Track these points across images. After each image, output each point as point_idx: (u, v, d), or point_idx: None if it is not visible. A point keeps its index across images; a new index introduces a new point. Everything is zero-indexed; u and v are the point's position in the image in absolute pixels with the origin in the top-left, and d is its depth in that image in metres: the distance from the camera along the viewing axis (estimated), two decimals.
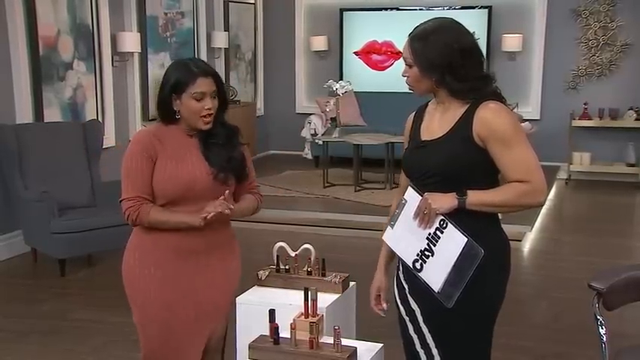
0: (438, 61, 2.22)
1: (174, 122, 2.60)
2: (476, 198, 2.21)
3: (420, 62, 2.26)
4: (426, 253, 2.25)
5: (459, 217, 2.20)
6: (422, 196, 2.25)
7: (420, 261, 2.26)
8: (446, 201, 2.21)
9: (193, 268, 2.62)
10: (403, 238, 2.32)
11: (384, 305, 2.51)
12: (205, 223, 2.49)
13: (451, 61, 2.21)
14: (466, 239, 2.17)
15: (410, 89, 2.37)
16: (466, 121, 2.24)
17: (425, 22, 2.31)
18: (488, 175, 2.27)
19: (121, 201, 2.57)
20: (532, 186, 2.20)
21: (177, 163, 2.55)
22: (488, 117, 2.21)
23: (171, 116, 2.58)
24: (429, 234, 2.24)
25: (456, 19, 2.31)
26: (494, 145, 2.20)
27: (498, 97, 2.28)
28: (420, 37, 2.27)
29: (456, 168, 2.24)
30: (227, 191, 2.55)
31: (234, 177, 2.64)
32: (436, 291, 2.22)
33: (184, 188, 2.54)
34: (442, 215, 2.21)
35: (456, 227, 2.19)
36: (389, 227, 2.37)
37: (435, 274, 2.23)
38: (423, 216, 2.22)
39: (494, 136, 2.20)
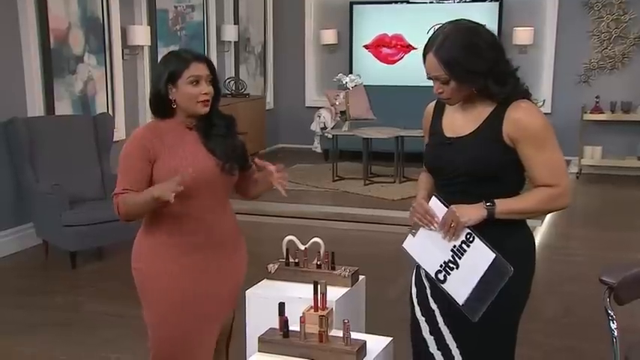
0: (475, 67, 2.13)
1: (169, 116, 2.55)
2: (505, 207, 2.17)
3: (457, 75, 2.15)
4: (450, 265, 2.21)
5: (486, 223, 2.17)
6: (447, 207, 2.20)
7: (444, 272, 2.22)
8: (474, 213, 2.17)
9: (203, 264, 2.59)
10: (425, 247, 2.27)
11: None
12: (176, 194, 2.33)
13: (491, 66, 2.13)
14: (494, 255, 2.14)
15: (445, 101, 2.27)
16: (496, 120, 2.19)
17: (438, 32, 2.18)
18: (516, 174, 2.24)
19: (112, 197, 2.54)
20: (560, 190, 2.19)
21: (181, 157, 2.51)
22: (521, 118, 2.16)
23: (167, 109, 2.53)
24: (454, 246, 2.20)
25: (466, 19, 2.22)
26: (526, 147, 2.17)
27: (527, 95, 2.23)
28: (442, 47, 2.14)
29: (485, 167, 2.19)
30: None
31: (238, 166, 2.62)
32: (460, 304, 2.20)
33: (191, 181, 2.48)
34: (469, 228, 2.17)
35: (483, 242, 2.15)
36: (410, 235, 2.32)
37: (460, 287, 2.20)
38: (449, 229, 2.18)
39: (526, 138, 2.16)
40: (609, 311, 2.58)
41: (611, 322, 2.57)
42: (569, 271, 5.19)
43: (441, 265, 2.23)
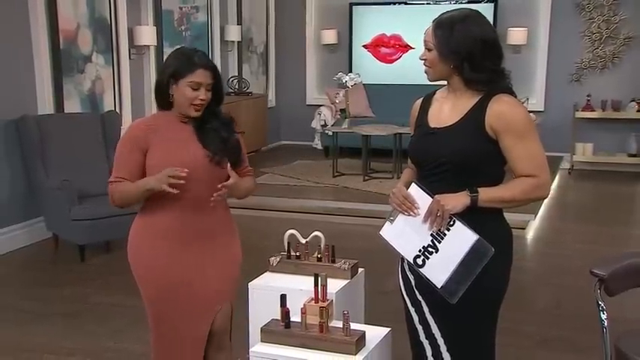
0: (458, 49, 2.23)
1: (168, 107, 2.64)
2: (488, 195, 2.22)
3: (440, 48, 2.25)
4: (430, 249, 2.24)
5: (466, 212, 2.22)
6: (429, 194, 2.25)
7: (423, 257, 2.26)
8: (459, 200, 2.21)
9: (194, 253, 2.64)
10: (404, 233, 2.29)
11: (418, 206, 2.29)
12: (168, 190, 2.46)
13: (471, 51, 2.22)
14: (476, 237, 2.18)
15: (425, 72, 2.36)
16: (479, 111, 2.25)
17: (451, 11, 2.31)
18: (497, 166, 2.29)
19: (107, 184, 2.65)
20: (540, 180, 2.24)
21: (171, 147, 2.58)
22: (504, 110, 2.23)
23: (166, 100, 2.62)
24: (434, 230, 2.24)
25: (481, 12, 2.33)
26: (507, 138, 2.22)
27: (510, 93, 2.31)
28: (445, 25, 2.25)
29: (467, 157, 2.24)
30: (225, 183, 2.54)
31: (229, 160, 2.63)
32: (439, 287, 2.23)
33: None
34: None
35: (464, 225, 2.20)
36: (387, 223, 2.34)
37: (438, 271, 2.22)
38: (436, 218, 2.21)
39: (508, 129, 2.21)
40: (599, 302, 2.63)
41: (601, 312, 2.64)
42: (560, 264, 5.27)
43: (419, 251, 2.24)
